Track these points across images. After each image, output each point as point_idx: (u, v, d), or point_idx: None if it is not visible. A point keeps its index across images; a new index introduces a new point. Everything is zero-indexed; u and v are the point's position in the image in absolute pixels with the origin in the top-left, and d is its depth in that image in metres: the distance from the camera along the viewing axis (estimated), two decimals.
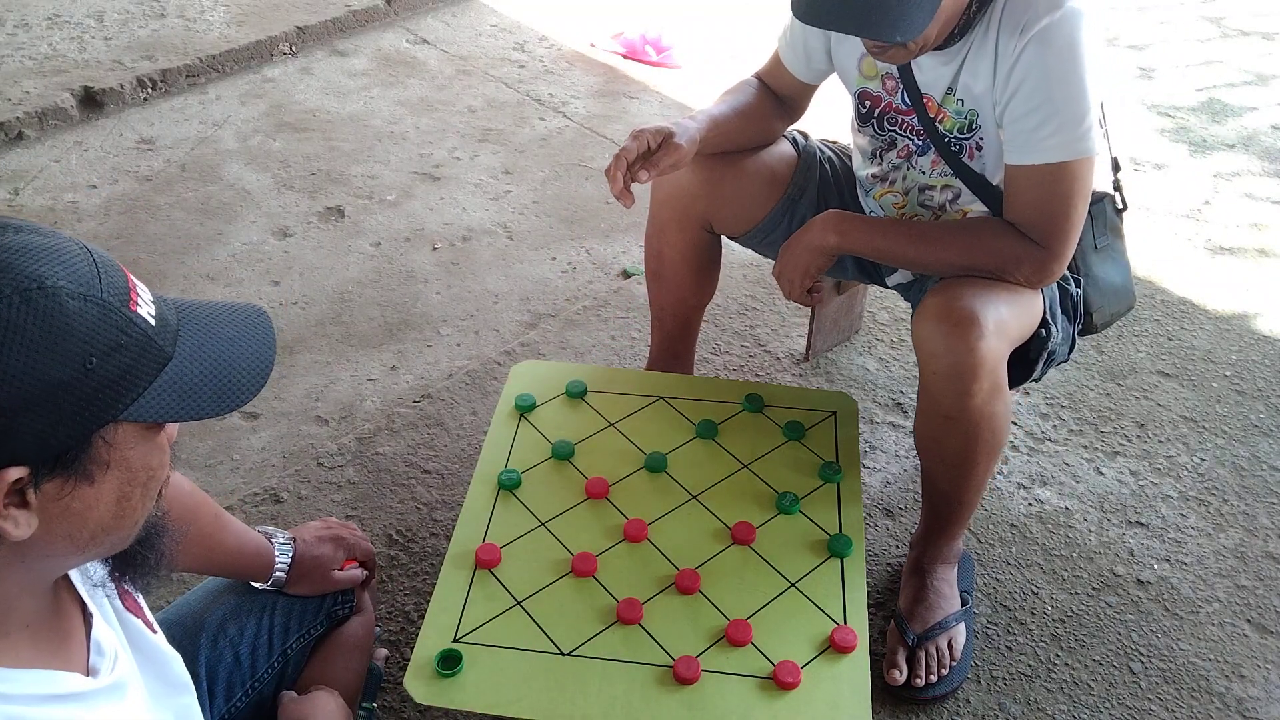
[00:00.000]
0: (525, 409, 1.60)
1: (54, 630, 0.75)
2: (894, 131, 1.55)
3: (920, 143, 1.52)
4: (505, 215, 2.61)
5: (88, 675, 0.76)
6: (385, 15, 3.53)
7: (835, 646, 1.27)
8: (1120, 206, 1.63)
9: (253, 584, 1.25)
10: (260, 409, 2.02)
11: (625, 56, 3.37)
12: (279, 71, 3.22)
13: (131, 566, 0.79)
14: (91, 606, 0.80)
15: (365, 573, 1.34)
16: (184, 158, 2.78)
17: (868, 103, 1.55)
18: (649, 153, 1.43)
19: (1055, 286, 1.52)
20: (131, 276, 0.70)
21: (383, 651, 1.47)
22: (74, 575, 0.81)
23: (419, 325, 2.25)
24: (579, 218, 2.61)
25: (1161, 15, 3.77)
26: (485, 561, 1.35)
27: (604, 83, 3.23)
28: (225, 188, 2.67)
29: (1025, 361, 1.48)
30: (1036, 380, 1.54)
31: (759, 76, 1.68)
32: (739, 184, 1.63)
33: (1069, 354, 1.58)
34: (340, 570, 1.30)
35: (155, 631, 0.89)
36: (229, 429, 1.97)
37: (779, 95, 1.67)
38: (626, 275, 2.40)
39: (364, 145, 2.87)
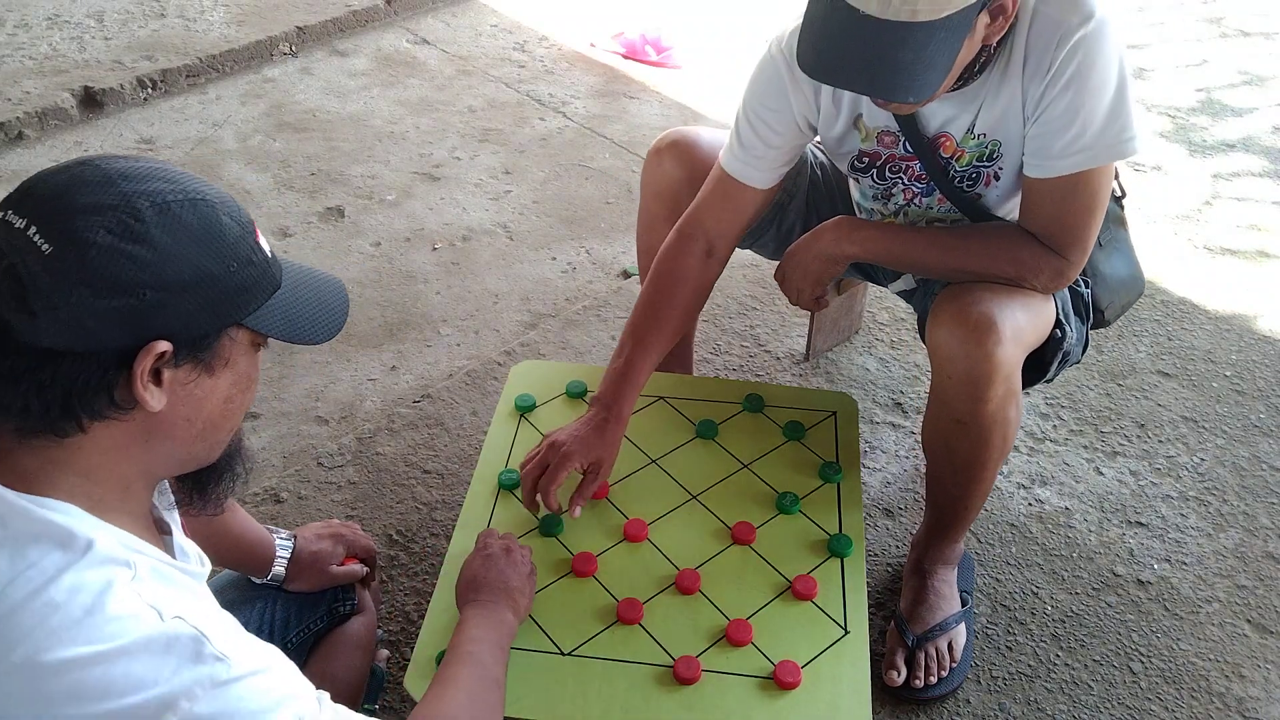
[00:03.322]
0: (525, 409, 1.60)
1: (150, 529, 0.87)
2: (897, 178, 1.50)
3: (923, 185, 1.48)
4: (505, 215, 2.61)
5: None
6: (385, 15, 3.53)
7: (795, 594, 1.32)
8: (1120, 194, 1.61)
9: (252, 579, 1.25)
10: (260, 409, 2.02)
11: (625, 56, 3.37)
12: (279, 71, 3.22)
13: (210, 483, 0.92)
14: (170, 522, 0.91)
15: (365, 569, 1.35)
16: (184, 158, 2.78)
17: (865, 159, 1.49)
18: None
19: (1066, 289, 1.51)
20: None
21: (384, 653, 1.47)
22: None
23: (419, 325, 2.25)
24: (579, 218, 2.61)
25: (1160, 15, 3.77)
26: None
27: (604, 83, 3.23)
28: (225, 188, 2.64)
29: (1040, 363, 1.46)
30: (1049, 381, 1.53)
31: (680, 230, 1.51)
32: None
33: (1083, 354, 1.57)
34: (340, 566, 1.31)
35: None
36: None
37: (716, 233, 1.50)
38: (626, 275, 2.40)
39: (364, 145, 2.87)
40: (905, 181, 1.49)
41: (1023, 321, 1.36)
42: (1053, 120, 1.30)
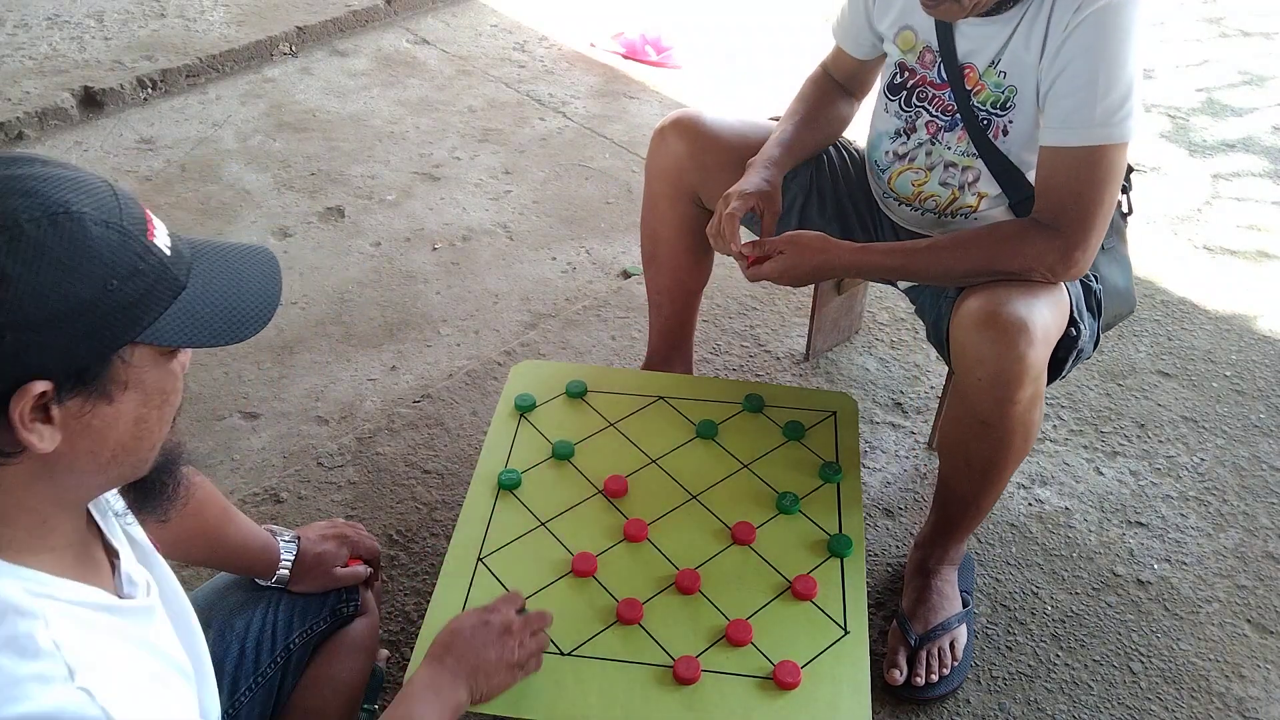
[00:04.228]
0: (525, 409, 1.60)
1: (90, 557, 0.79)
2: (922, 107, 1.53)
3: (948, 119, 1.50)
4: (505, 215, 2.61)
5: (120, 599, 0.80)
6: (385, 15, 3.53)
7: (795, 594, 1.32)
8: (1125, 211, 1.62)
9: (257, 581, 1.25)
10: (260, 409, 2.02)
11: (625, 56, 3.37)
12: (279, 71, 3.22)
13: (151, 494, 0.83)
14: (117, 545, 0.84)
15: (368, 570, 1.34)
16: (184, 158, 2.78)
17: (904, 74, 1.55)
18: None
19: (1079, 284, 1.49)
20: (149, 211, 0.74)
21: (384, 653, 1.47)
22: (98, 517, 0.84)
23: (419, 325, 2.25)
24: (579, 218, 2.61)
25: (1160, 15, 3.77)
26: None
27: (604, 83, 3.23)
28: (225, 188, 2.67)
29: (1055, 361, 1.45)
30: (1062, 379, 1.53)
31: (823, 65, 1.72)
32: (727, 158, 1.61)
33: (1093, 350, 1.57)
34: (344, 567, 1.30)
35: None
36: (229, 429, 1.97)
37: (842, 80, 1.70)
38: (626, 275, 2.40)
39: (364, 145, 2.87)
40: (930, 112, 1.53)
41: (1050, 320, 1.36)
42: (1069, 81, 1.33)
